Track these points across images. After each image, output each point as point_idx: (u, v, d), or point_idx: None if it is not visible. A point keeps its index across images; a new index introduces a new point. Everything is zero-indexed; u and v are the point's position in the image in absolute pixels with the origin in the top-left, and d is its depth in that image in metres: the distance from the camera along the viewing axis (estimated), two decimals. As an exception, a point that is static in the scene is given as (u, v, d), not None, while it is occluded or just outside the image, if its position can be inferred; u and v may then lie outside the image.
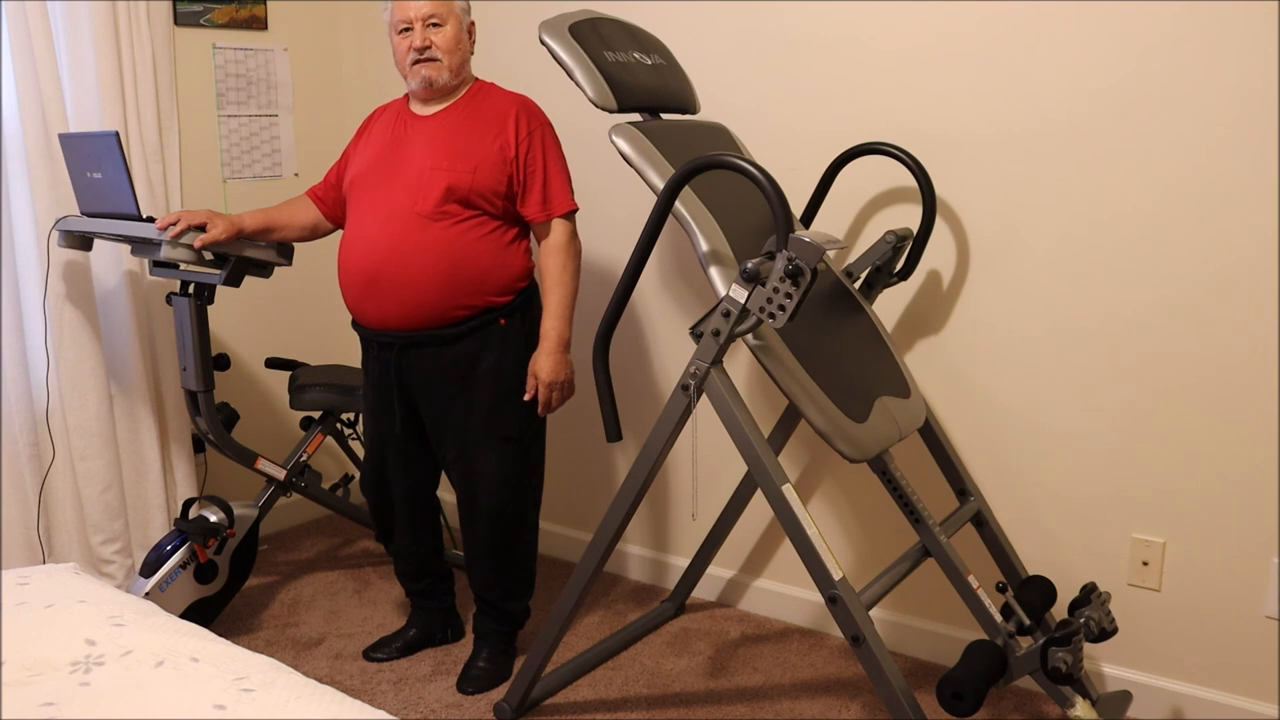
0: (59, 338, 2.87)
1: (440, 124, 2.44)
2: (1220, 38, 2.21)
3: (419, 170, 2.39)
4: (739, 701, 2.59)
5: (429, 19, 2.39)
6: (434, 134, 2.43)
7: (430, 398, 2.51)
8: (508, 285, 2.45)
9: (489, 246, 2.40)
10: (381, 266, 2.40)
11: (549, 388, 2.45)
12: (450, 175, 2.36)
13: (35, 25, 2.74)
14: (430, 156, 2.40)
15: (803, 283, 1.88)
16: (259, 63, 3.41)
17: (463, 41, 2.44)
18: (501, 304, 2.45)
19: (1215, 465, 2.35)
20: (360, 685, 2.66)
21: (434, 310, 2.40)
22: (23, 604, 1.75)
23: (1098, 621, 2.12)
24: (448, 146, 2.40)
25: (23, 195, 2.81)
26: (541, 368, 2.44)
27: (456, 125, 2.42)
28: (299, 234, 2.69)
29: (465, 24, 2.46)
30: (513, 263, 2.45)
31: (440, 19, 2.40)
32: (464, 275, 2.39)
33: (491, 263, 2.41)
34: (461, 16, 2.44)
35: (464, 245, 2.38)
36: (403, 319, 2.42)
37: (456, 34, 2.42)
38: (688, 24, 2.90)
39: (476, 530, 2.60)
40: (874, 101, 2.65)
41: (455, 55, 2.42)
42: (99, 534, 2.99)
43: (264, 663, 1.62)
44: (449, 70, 2.42)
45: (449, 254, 2.37)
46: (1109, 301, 2.42)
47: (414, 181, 2.39)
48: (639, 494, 2.23)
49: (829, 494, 2.91)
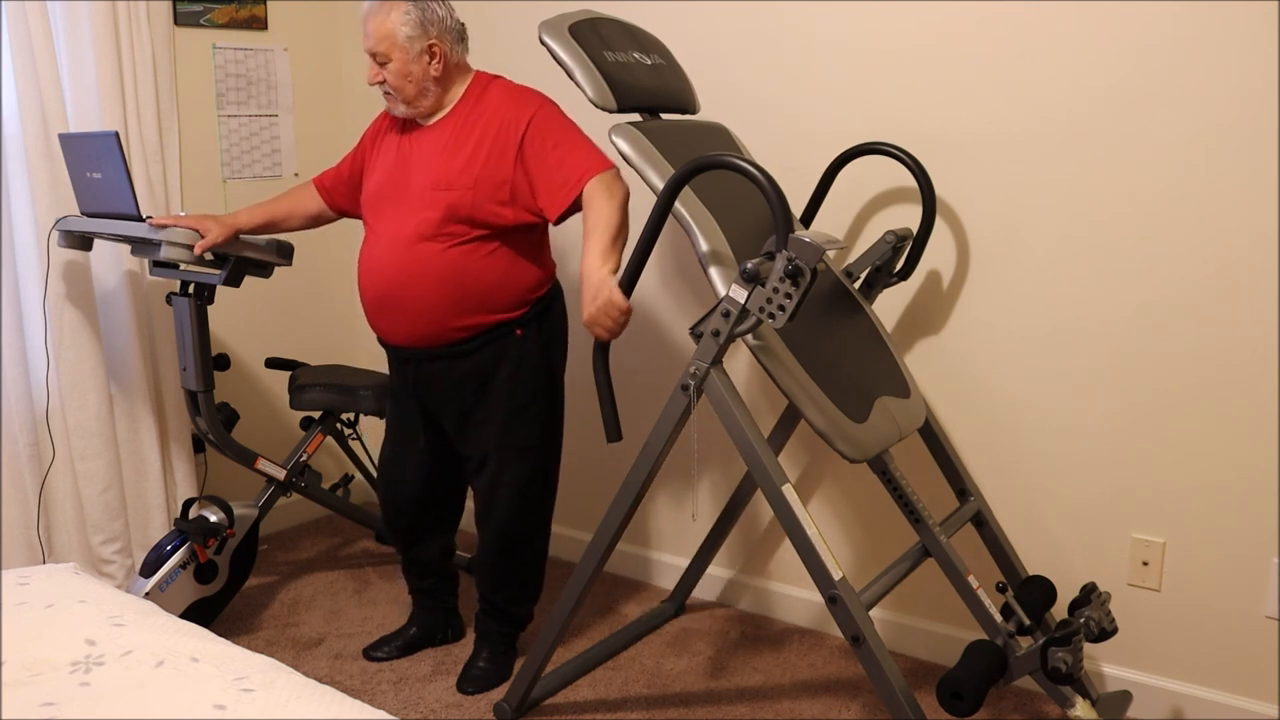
0: (59, 338, 2.87)
1: (438, 136, 2.38)
2: (1220, 38, 2.21)
3: (420, 190, 2.35)
4: (739, 701, 2.59)
5: (374, 55, 2.33)
6: (433, 148, 2.37)
7: (449, 410, 2.51)
8: (519, 299, 2.41)
9: (496, 263, 2.36)
10: (389, 289, 2.39)
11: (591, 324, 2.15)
12: (449, 195, 2.31)
13: (35, 25, 2.74)
14: (430, 174, 2.35)
15: (803, 283, 1.88)
16: (259, 63, 3.41)
17: (413, 71, 2.32)
18: (514, 317, 2.42)
19: (1215, 465, 2.35)
20: (360, 685, 2.66)
21: (440, 330, 2.39)
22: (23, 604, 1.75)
23: (1098, 621, 2.12)
24: (446, 162, 2.34)
25: (23, 195, 2.81)
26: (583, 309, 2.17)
27: (454, 137, 2.36)
28: (301, 225, 2.68)
29: (417, 51, 2.31)
30: (523, 276, 2.41)
31: (383, 55, 2.32)
32: (470, 295, 2.36)
33: (499, 279, 2.37)
34: (408, 46, 2.30)
35: (468, 265, 2.34)
36: (413, 338, 2.42)
37: (402, 67, 2.31)
38: (688, 24, 2.90)
39: (490, 535, 2.60)
40: (874, 101, 2.65)
41: (408, 87, 2.33)
42: (99, 534, 2.99)
43: (264, 663, 1.61)
44: (404, 103, 2.37)
45: (451, 276, 2.34)
46: (1109, 301, 2.42)
47: (416, 202, 2.35)
48: (639, 494, 2.23)
49: (829, 494, 2.91)
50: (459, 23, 2.39)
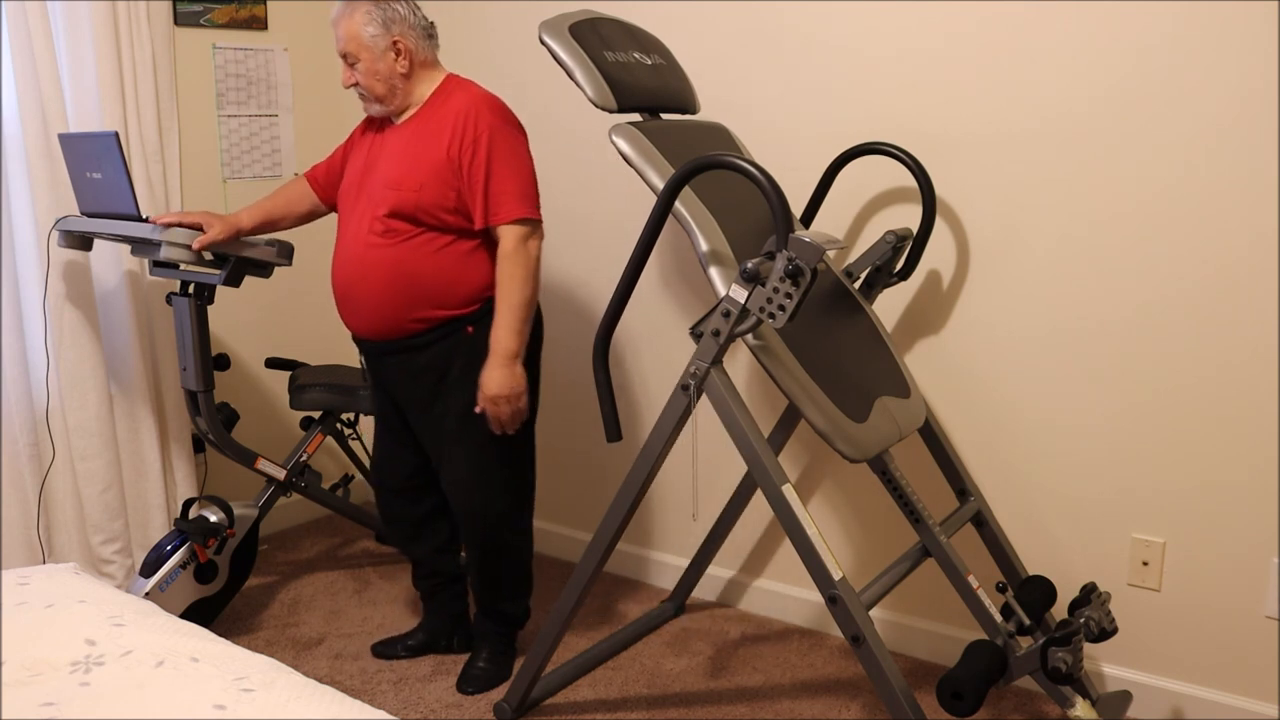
0: (59, 338, 2.87)
1: (401, 135, 2.43)
2: (1220, 38, 2.21)
3: (375, 187, 2.41)
4: (739, 701, 2.59)
5: (344, 57, 2.40)
6: (395, 147, 2.42)
7: (410, 403, 2.55)
8: (471, 296, 2.43)
9: (444, 261, 2.39)
10: (349, 283, 2.46)
11: (493, 401, 2.36)
12: (398, 194, 2.36)
13: (35, 25, 2.74)
14: (389, 173, 2.39)
15: (803, 283, 1.88)
16: (259, 63, 3.41)
17: (381, 70, 2.37)
18: (466, 314, 2.44)
19: (1215, 465, 2.35)
20: (360, 685, 2.66)
21: (392, 324, 2.43)
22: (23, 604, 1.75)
23: (1098, 621, 2.12)
24: (404, 162, 2.38)
25: (23, 195, 2.81)
26: (485, 381, 2.36)
27: (414, 137, 2.40)
28: (297, 222, 2.70)
29: (382, 48, 2.36)
30: (474, 274, 2.42)
31: (353, 56, 2.38)
32: (417, 291, 2.39)
33: (449, 277, 2.40)
34: (374, 44, 2.35)
35: (415, 262, 2.38)
36: (373, 331, 2.48)
37: (370, 66, 2.37)
38: (688, 24, 2.90)
39: (467, 534, 2.61)
40: (874, 101, 2.65)
41: (377, 85, 2.39)
42: (99, 534, 2.99)
43: (264, 663, 1.62)
44: (376, 102, 2.42)
45: (399, 271, 2.38)
46: (1109, 301, 2.42)
47: (373, 198, 2.41)
48: (639, 494, 2.23)
49: (829, 494, 2.91)
50: (425, 20, 2.43)
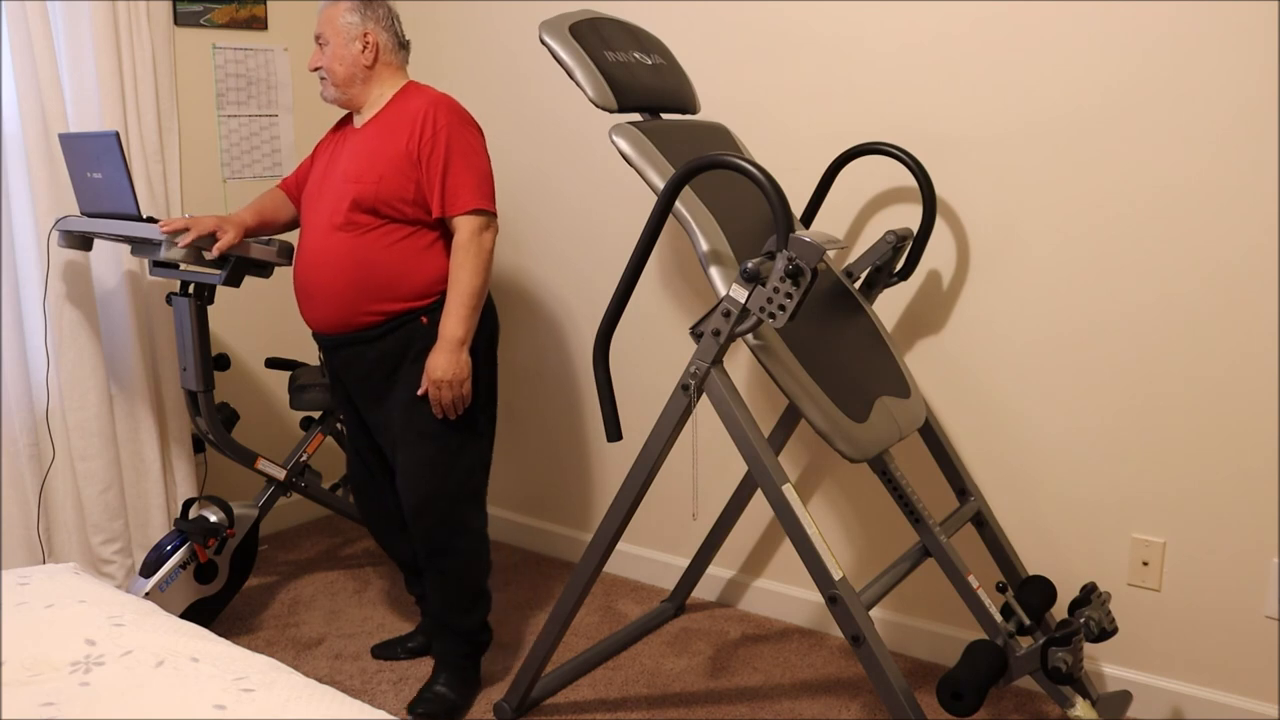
0: (59, 338, 2.87)
1: (364, 135, 2.45)
2: (1220, 38, 2.21)
3: (336, 183, 2.44)
4: (739, 701, 2.59)
5: (317, 39, 2.47)
6: (357, 145, 2.45)
7: (364, 397, 2.54)
8: (425, 289, 2.43)
9: (400, 253, 2.40)
10: (308, 277, 2.47)
11: (436, 385, 2.37)
12: (357, 187, 2.38)
13: (35, 25, 2.74)
14: (349, 169, 2.42)
15: (803, 283, 1.88)
16: (259, 63, 3.41)
17: (346, 58, 2.43)
18: (422, 306, 2.44)
19: (1215, 465, 2.35)
20: (360, 685, 2.66)
21: (348, 316, 2.44)
22: (23, 604, 1.75)
23: (1098, 621, 2.12)
24: (364, 157, 2.41)
25: (23, 195, 2.81)
26: (431, 365, 2.38)
27: (374, 135, 2.43)
28: (284, 229, 2.72)
29: (353, 38, 2.42)
30: (430, 266, 2.43)
31: (324, 38, 2.44)
32: (372, 282, 2.40)
33: (405, 269, 2.41)
34: (345, 30, 2.42)
35: (371, 254, 2.39)
36: (328, 324, 2.48)
37: (338, 50, 2.43)
38: (688, 24, 2.90)
39: (414, 531, 2.53)
40: (874, 101, 2.65)
41: (338, 69, 2.43)
42: (99, 534, 2.99)
43: (264, 663, 1.62)
44: (334, 87, 2.46)
45: (355, 263, 2.40)
46: (1109, 301, 2.42)
47: (335, 193, 2.43)
48: (639, 494, 2.23)
49: (829, 494, 2.91)
50: (401, 32, 2.50)
